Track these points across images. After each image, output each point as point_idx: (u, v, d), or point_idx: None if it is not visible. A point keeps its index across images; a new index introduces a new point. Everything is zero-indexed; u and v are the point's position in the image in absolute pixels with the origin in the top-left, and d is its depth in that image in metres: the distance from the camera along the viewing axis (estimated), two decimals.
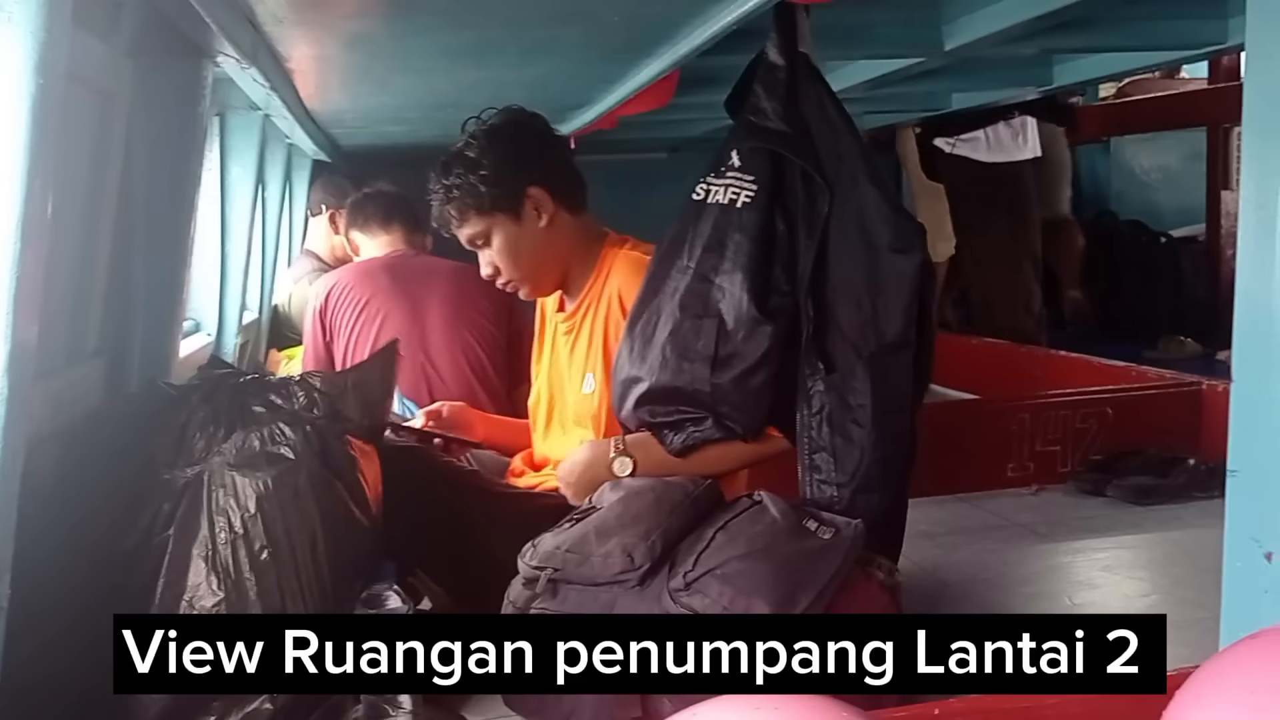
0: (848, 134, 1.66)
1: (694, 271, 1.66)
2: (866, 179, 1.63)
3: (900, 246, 1.60)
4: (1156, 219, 5.42)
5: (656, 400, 1.65)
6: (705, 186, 1.71)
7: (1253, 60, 1.17)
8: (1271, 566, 1.12)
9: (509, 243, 1.86)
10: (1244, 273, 1.17)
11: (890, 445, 1.59)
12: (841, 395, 1.60)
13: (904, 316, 1.59)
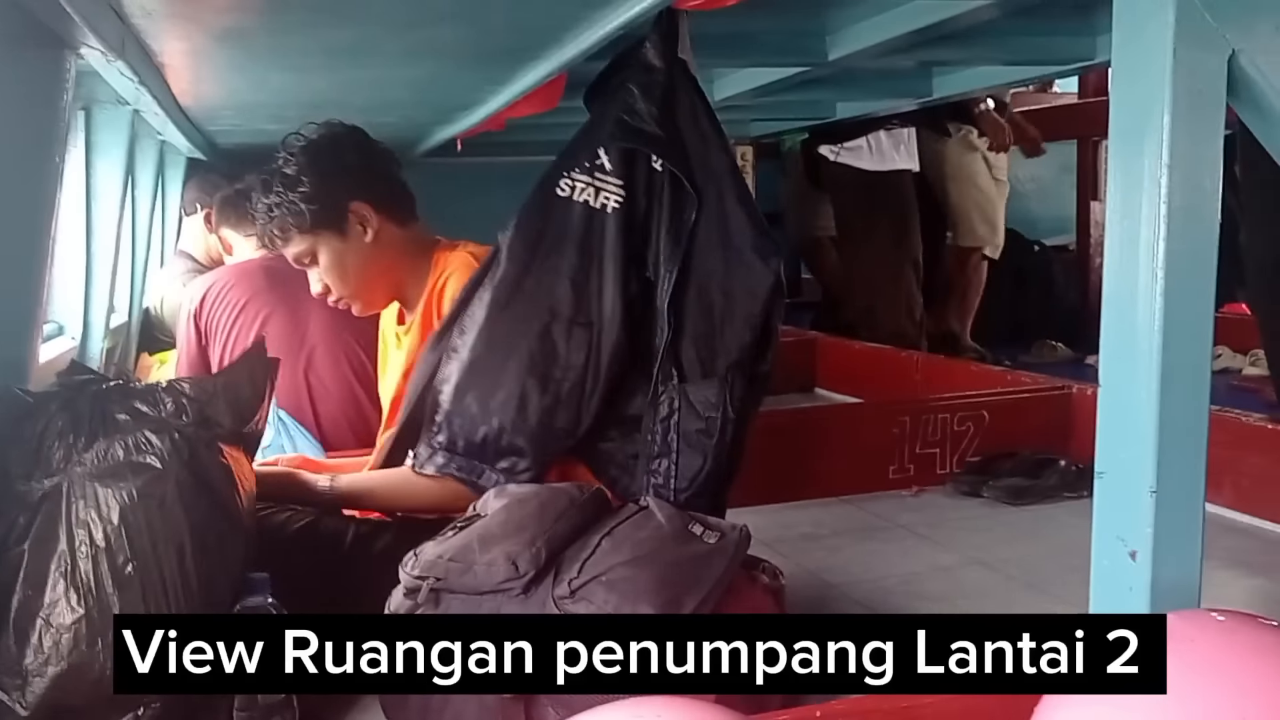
0: (718, 146, 1.67)
1: (568, 275, 1.65)
2: (733, 193, 1.65)
3: (759, 262, 1.62)
4: (1030, 228, 5.61)
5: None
6: (570, 183, 1.69)
7: (1118, 76, 1.21)
8: (1136, 564, 1.16)
9: (335, 260, 1.84)
10: (1110, 281, 1.21)
11: (725, 458, 1.61)
12: (692, 404, 1.62)
13: (755, 331, 1.63)
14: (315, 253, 1.84)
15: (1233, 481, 2.38)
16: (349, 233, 1.84)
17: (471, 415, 1.65)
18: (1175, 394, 1.15)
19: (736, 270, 1.63)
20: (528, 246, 1.70)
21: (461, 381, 1.67)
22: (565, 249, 1.66)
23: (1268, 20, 1.18)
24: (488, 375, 1.65)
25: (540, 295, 1.66)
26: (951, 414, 2.74)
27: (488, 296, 1.69)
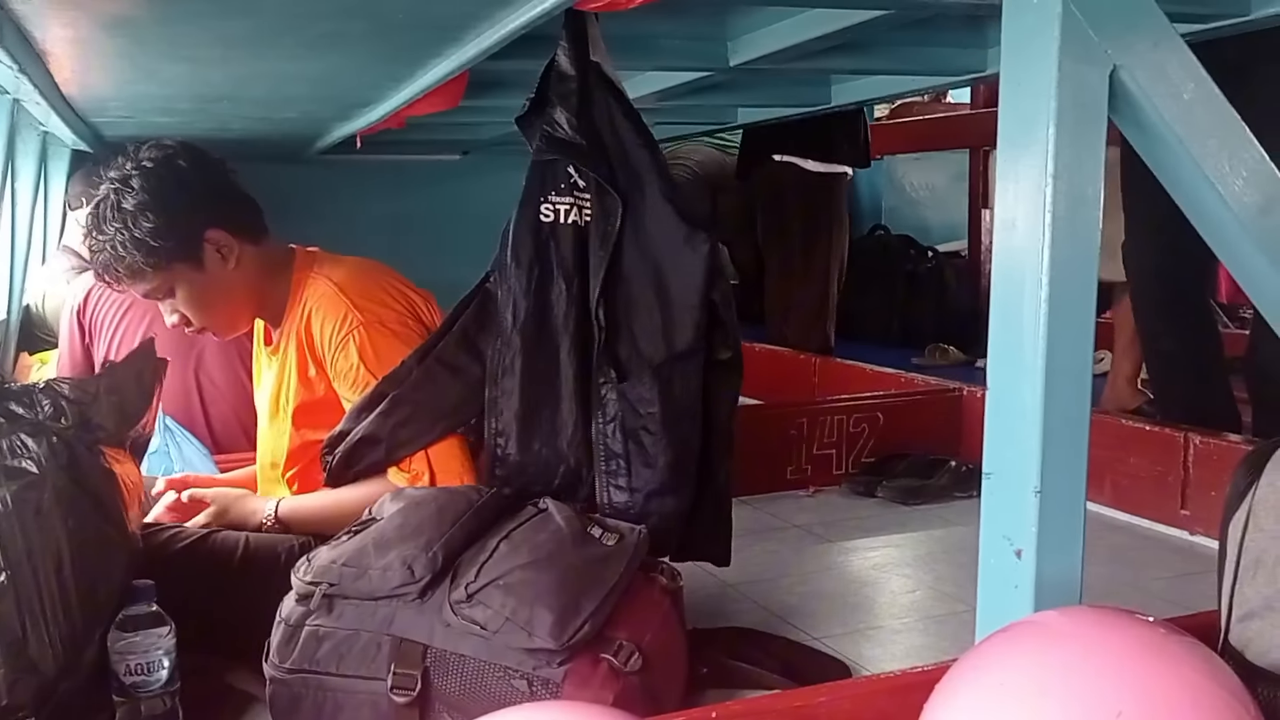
0: (638, 144, 1.67)
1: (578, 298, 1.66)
2: (656, 188, 1.65)
3: (689, 251, 1.63)
4: (924, 234, 5.75)
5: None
6: (552, 207, 1.68)
7: (1005, 88, 1.25)
8: (1021, 563, 1.19)
9: (195, 293, 1.75)
10: (997, 287, 1.24)
11: (681, 450, 1.62)
12: (632, 403, 1.62)
13: (692, 325, 1.62)
14: (171, 288, 1.74)
15: (1113, 481, 2.47)
16: (207, 263, 1.73)
17: (545, 460, 1.66)
18: (1059, 397, 1.18)
19: (667, 263, 1.63)
20: (532, 279, 1.68)
21: (522, 432, 1.67)
22: (568, 272, 1.66)
23: (1147, 37, 1.23)
24: (547, 418, 1.66)
25: (564, 325, 1.66)
26: (847, 415, 2.79)
27: (517, 343, 1.67)
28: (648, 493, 1.62)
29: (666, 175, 1.67)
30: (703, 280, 1.63)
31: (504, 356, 1.68)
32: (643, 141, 1.67)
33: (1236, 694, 1.01)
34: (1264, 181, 1.30)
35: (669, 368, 1.62)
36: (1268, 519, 1.16)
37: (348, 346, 1.72)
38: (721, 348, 1.66)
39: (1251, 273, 1.36)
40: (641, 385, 1.61)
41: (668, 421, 1.61)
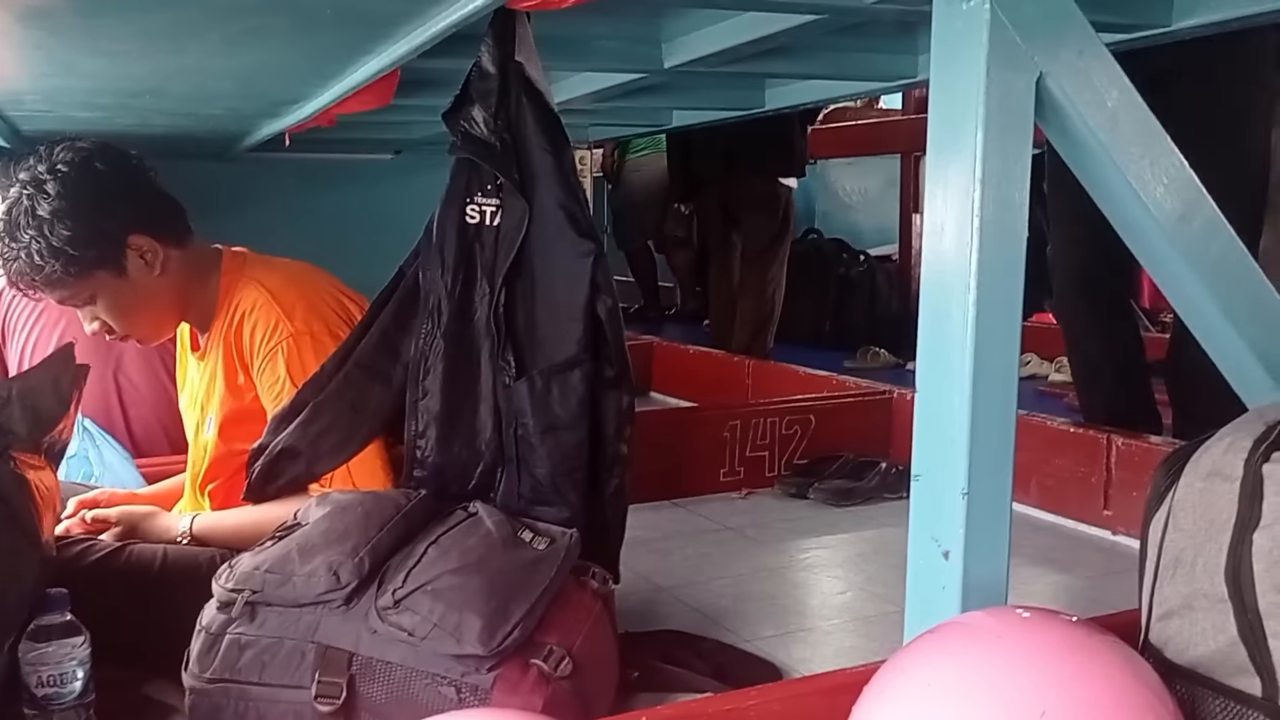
0: (543, 148, 1.65)
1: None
2: (553, 195, 1.63)
3: (575, 266, 1.61)
4: (857, 238, 5.82)
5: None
6: (478, 208, 1.66)
7: (935, 94, 1.26)
8: (949, 564, 1.20)
9: (118, 301, 1.69)
10: (926, 291, 1.25)
11: (560, 463, 1.60)
12: (518, 412, 1.61)
13: (574, 337, 1.61)
14: (93, 296, 1.67)
15: (1038, 482, 2.51)
16: (130, 269, 1.67)
17: (463, 462, 1.64)
18: (986, 400, 1.20)
19: (556, 272, 1.62)
20: (457, 281, 1.66)
21: (442, 434, 1.64)
22: (492, 275, 1.64)
23: (1072, 46, 1.25)
24: (467, 420, 1.64)
25: (486, 328, 1.64)
26: (780, 418, 2.80)
27: (440, 345, 1.65)
28: (531, 499, 1.61)
29: (565, 181, 1.64)
30: (587, 292, 1.61)
31: (426, 358, 1.66)
32: (549, 145, 1.64)
33: (1156, 691, 1.03)
34: (1183, 189, 1.33)
35: (546, 378, 1.60)
36: (1186, 519, 1.18)
37: (276, 358, 1.67)
38: (605, 364, 1.64)
39: (1171, 277, 1.39)
40: (519, 394, 1.60)
41: (544, 432, 1.59)
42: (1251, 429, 1.18)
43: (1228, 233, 1.37)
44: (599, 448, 1.67)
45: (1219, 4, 2.20)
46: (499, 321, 1.62)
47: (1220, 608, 1.11)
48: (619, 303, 1.66)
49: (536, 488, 1.62)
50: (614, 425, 1.66)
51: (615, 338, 1.64)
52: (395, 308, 1.69)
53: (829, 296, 5.41)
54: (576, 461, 1.60)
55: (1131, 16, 2.24)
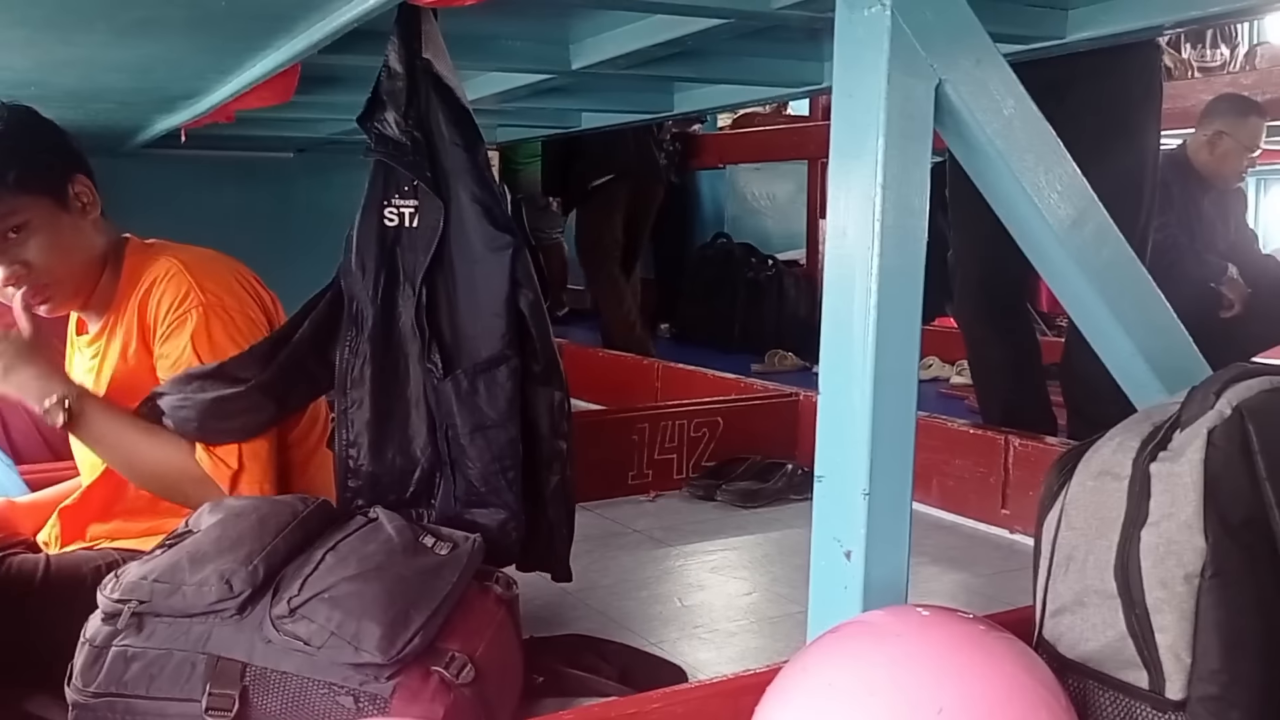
0: (456, 144, 1.63)
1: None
2: (467, 192, 1.61)
3: (494, 261, 1.59)
4: (765, 242, 5.88)
5: None
6: (396, 211, 1.63)
7: (837, 101, 1.27)
8: (850, 564, 1.21)
9: (53, 237, 1.59)
10: (829, 295, 1.26)
11: (494, 461, 1.58)
12: (445, 414, 1.59)
13: (498, 333, 1.59)
14: (29, 222, 1.56)
15: (939, 482, 2.56)
16: (70, 206, 1.60)
17: (400, 468, 1.61)
18: (886, 402, 1.21)
19: (477, 269, 1.60)
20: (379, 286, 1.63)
21: (374, 442, 1.61)
22: (414, 277, 1.61)
23: (971, 54, 1.27)
24: (399, 425, 1.62)
25: (412, 331, 1.61)
26: (688, 420, 2.81)
27: (366, 350, 1.62)
28: (466, 501, 1.59)
29: (480, 176, 1.63)
30: (507, 287, 1.59)
31: (353, 366, 1.63)
32: (461, 141, 1.63)
33: (1049, 686, 1.06)
34: (1076, 196, 1.37)
35: (471, 377, 1.58)
36: (1078, 518, 1.21)
37: (183, 326, 1.60)
38: (532, 360, 1.63)
39: (1064, 282, 1.43)
40: (445, 395, 1.58)
41: (473, 432, 1.58)
42: (1139, 429, 1.21)
43: (1118, 239, 1.40)
44: (534, 445, 1.65)
45: (1111, 18, 2.28)
46: (423, 323, 1.59)
47: (1110, 603, 1.14)
48: (542, 297, 1.64)
49: (470, 490, 1.59)
50: (547, 422, 1.65)
51: (540, 332, 1.63)
52: (326, 315, 1.66)
53: (737, 300, 5.46)
54: (510, 461, 1.58)
55: (1028, 28, 2.30)
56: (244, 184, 4.60)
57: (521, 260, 1.61)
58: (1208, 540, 1.10)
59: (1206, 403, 1.17)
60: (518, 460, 1.59)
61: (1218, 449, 1.13)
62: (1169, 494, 1.13)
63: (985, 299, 2.80)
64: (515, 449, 1.60)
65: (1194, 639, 1.09)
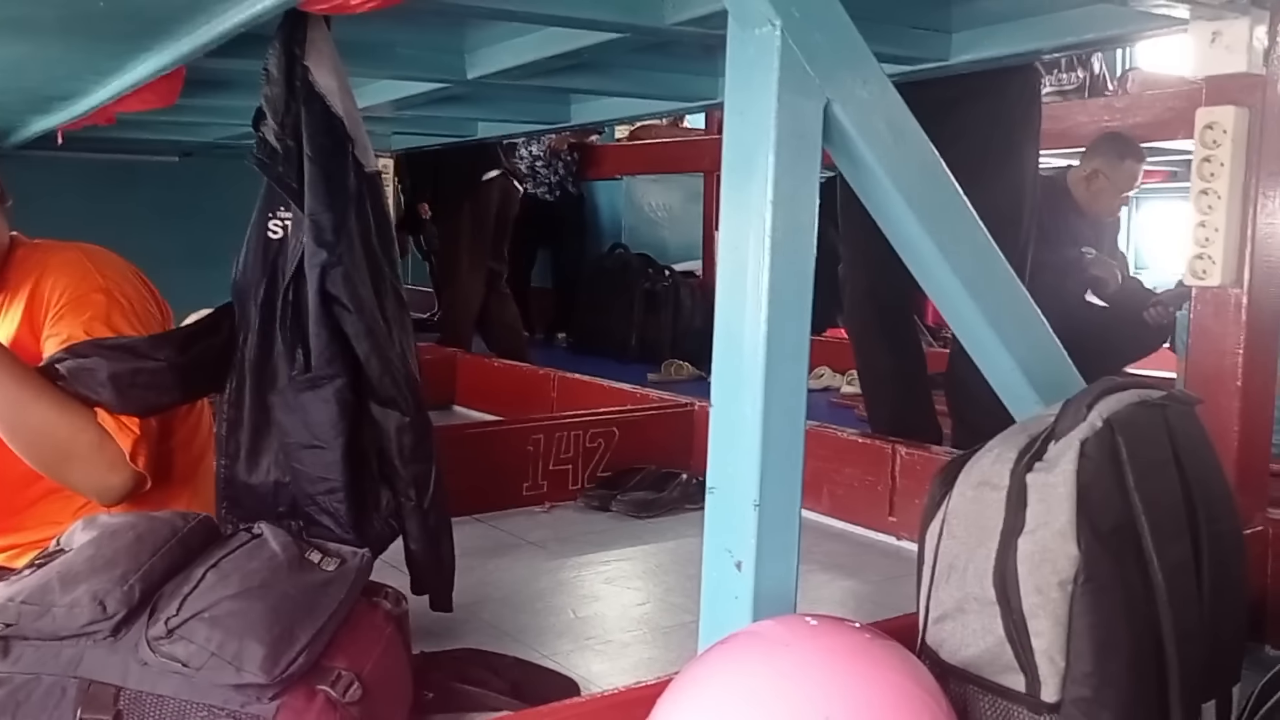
0: (311, 156, 1.60)
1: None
2: (309, 204, 1.59)
3: (310, 277, 1.58)
4: (662, 253, 5.93)
5: None
6: (280, 224, 1.61)
7: (729, 117, 1.29)
8: (741, 575, 1.22)
9: None
10: (721, 308, 1.28)
11: (321, 480, 1.56)
12: (281, 429, 1.58)
13: (321, 349, 1.58)
14: None
15: (829, 491, 2.60)
16: None
17: (275, 482, 1.60)
18: (776, 413, 1.23)
19: (302, 285, 1.59)
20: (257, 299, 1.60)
21: (250, 456, 1.60)
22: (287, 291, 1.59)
23: (857, 75, 1.30)
24: (276, 440, 1.60)
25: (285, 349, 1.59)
26: (584, 431, 2.81)
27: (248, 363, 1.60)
28: (308, 520, 1.58)
29: (325, 188, 1.59)
30: (318, 303, 1.57)
31: (233, 381, 1.62)
32: (318, 152, 1.60)
33: (931, 692, 1.08)
34: (958, 215, 1.41)
35: (296, 393, 1.57)
36: (959, 527, 1.24)
37: (80, 307, 1.57)
38: (368, 380, 1.61)
39: (946, 297, 1.47)
40: (277, 410, 1.58)
41: (303, 449, 1.57)
42: (1016, 441, 1.25)
43: (997, 256, 1.45)
44: (384, 467, 1.64)
45: (992, 42, 2.36)
46: (289, 339, 1.56)
47: (989, 610, 1.18)
48: (371, 314, 1.61)
49: (308, 507, 1.58)
50: (396, 445, 1.63)
51: (371, 353, 1.60)
52: (217, 325, 1.64)
53: (634, 310, 5.49)
54: (336, 482, 1.57)
55: (914, 49, 2.38)
56: (127, 187, 4.46)
57: (334, 278, 1.58)
58: (1080, 548, 1.14)
59: (1079, 415, 1.22)
60: (344, 482, 1.58)
61: (1089, 460, 1.17)
62: (1044, 503, 1.17)
63: (874, 311, 2.86)
64: (339, 470, 1.58)
65: (1068, 643, 1.13)
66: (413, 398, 1.67)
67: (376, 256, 1.68)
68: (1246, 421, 1.81)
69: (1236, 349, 1.80)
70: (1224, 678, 1.26)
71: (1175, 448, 1.24)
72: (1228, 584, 1.25)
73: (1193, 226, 1.81)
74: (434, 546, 1.71)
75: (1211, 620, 1.22)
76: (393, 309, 1.69)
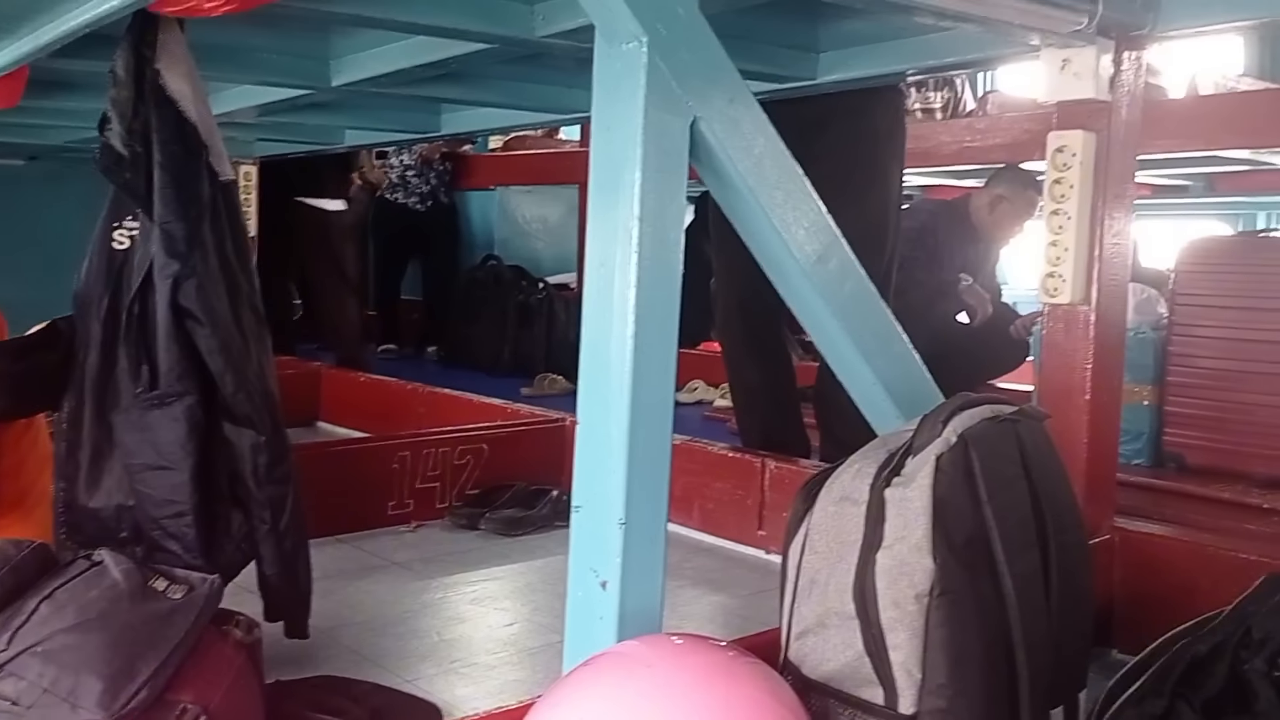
0: (162, 164, 1.54)
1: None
2: (159, 212, 1.53)
3: (160, 289, 1.52)
4: (536, 265, 5.89)
5: None
6: (125, 234, 1.53)
7: (596, 132, 1.28)
8: (606, 594, 1.21)
9: None
10: (588, 324, 1.27)
11: (167, 504, 1.50)
12: (125, 450, 1.52)
13: (168, 366, 1.52)
14: None
15: (700, 505, 2.62)
16: None
17: (118, 505, 1.52)
18: (643, 432, 1.22)
19: (155, 296, 1.52)
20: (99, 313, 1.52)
21: (90, 479, 1.52)
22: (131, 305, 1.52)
23: (724, 93, 1.31)
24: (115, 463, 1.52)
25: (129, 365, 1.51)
26: (452, 448, 2.76)
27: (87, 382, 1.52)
28: (151, 544, 1.52)
29: (176, 197, 1.53)
30: (169, 317, 1.52)
31: (72, 397, 1.54)
32: (170, 159, 1.53)
33: (792, 708, 1.09)
34: (822, 232, 1.43)
35: (143, 412, 1.51)
36: (821, 542, 1.26)
37: None
38: (221, 397, 1.55)
39: (810, 313, 1.49)
40: (120, 430, 1.52)
41: (147, 471, 1.51)
42: (876, 456, 1.27)
43: (860, 274, 1.48)
44: (236, 488, 1.57)
45: (858, 62, 2.42)
46: (133, 355, 1.49)
47: (849, 624, 1.19)
48: (226, 329, 1.56)
49: (154, 532, 1.51)
50: (250, 465, 1.57)
51: (224, 369, 1.54)
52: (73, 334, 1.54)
53: (507, 323, 5.44)
54: (184, 505, 1.50)
55: (782, 68, 2.42)
56: None
57: (187, 291, 1.52)
58: (935, 561, 1.16)
59: (935, 430, 1.24)
60: (193, 504, 1.51)
61: (944, 474, 1.20)
62: (902, 518, 1.19)
63: (744, 325, 2.89)
64: (188, 492, 1.52)
65: (924, 655, 1.15)
66: (270, 416, 1.61)
67: (232, 268, 1.61)
68: (1095, 433, 1.88)
69: (1086, 364, 1.87)
70: (1071, 684, 1.30)
71: (1025, 462, 1.28)
72: (1075, 594, 1.30)
73: (1045, 246, 1.88)
74: (290, 571, 1.65)
75: (1059, 629, 1.26)
76: (250, 323, 1.63)
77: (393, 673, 1.76)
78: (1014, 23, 1.71)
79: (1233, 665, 1.28)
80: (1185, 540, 1.94)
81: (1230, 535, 2.15)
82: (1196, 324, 2.85)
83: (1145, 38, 1.84)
